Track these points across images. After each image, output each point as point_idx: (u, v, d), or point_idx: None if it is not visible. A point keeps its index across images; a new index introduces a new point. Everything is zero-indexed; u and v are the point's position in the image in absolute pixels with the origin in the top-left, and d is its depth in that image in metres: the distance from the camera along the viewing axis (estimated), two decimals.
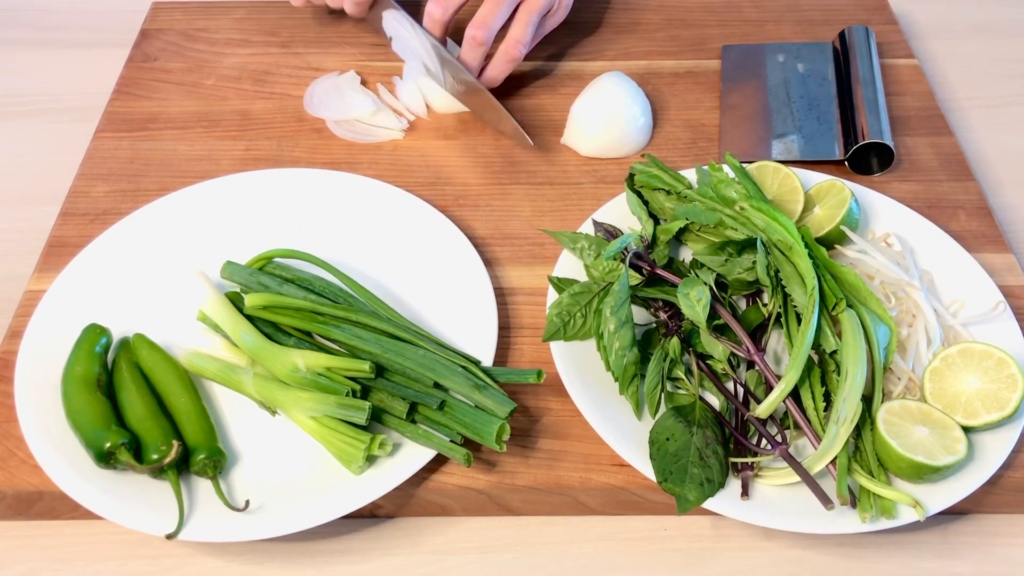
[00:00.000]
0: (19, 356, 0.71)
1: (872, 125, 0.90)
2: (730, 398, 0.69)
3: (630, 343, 0.69)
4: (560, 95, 0.99)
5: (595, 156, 0.91)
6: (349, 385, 0.67)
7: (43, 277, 0.79)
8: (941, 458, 0.63)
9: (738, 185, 0.78)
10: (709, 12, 1.10)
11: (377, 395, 0.68)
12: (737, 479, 0.65)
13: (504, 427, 0.65)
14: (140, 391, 0.68)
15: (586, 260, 0.76)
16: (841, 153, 0.90)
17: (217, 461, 0.65)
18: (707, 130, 0.95)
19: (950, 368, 0.69)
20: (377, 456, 0.66)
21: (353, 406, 0.66)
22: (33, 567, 0.66)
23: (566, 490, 0.68)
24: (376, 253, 0.81)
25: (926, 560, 0.67)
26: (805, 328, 0.67)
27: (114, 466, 0.65)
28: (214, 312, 0.72)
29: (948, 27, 1.14)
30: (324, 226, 0.83)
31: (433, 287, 0.78)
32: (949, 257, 0.80)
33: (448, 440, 0.66)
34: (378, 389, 0.68)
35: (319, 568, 0.66)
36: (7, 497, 0.67)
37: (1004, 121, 1.02)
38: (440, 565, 0.67)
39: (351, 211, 0.84)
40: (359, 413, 0.65)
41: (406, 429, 0.67)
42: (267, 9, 1.09)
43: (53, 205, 0.87)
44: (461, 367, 0.68)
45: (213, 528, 0.63)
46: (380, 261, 0.80)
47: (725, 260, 0.74)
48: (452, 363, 0.68)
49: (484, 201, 0.88)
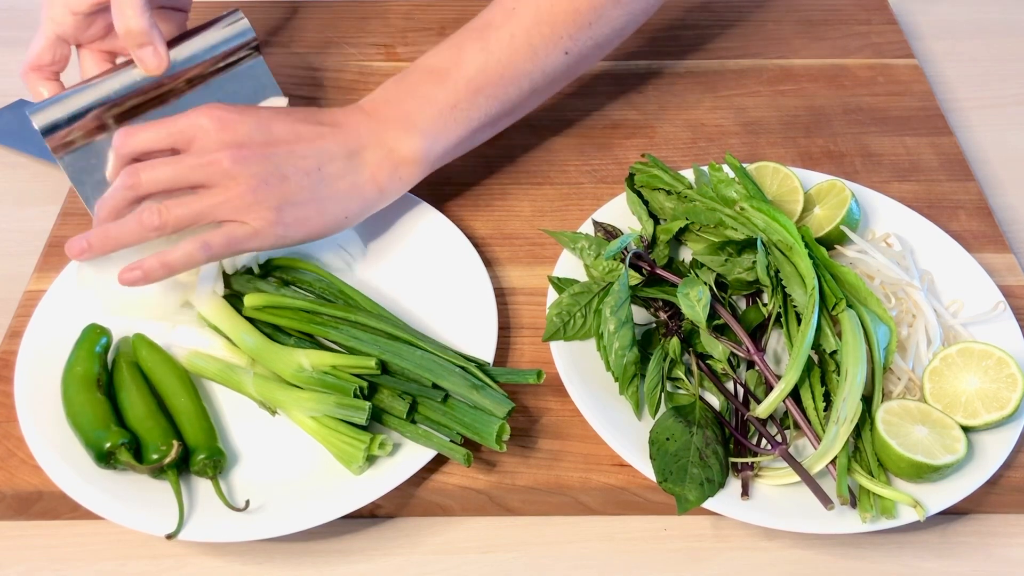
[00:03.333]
0: (19, 356, 0.71)
1: None
2: (730, 398, 0.69)
3: (630, 343, 0.69)
4: (560, 95, 0.98)
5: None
6: (356, 382, 0.67)
7: (43, 277, 0.79)
8: (940, 457, 0.63)
9: (738, 185, 0.78)
10: (709, 12, 1.10)
11: (378, 395, 0.68)
12: (737, 479, 0.65)
13: (504, 427, 0.65)
14: (140, 391, 0.68)
15: (586, 260, 0.76)
16: None
17: (217, 461, 0.65)
18: (707, 130, 0.95)
19: (950, 368, 0.69)
20: (377, 456, 0.66)
21: (353, 406, 0.66)
22: (33, 567, 0.66)
23: (566, 490, 0.68)
24: (376, 253, 0.81)
25: (926, 560, 0.67)
26: (805, 328, 0.67)
27: (114, 466, 0.65)
28: (214, 314, 0.72)
29: (948, 27, 1.14)
30: None
31: (433, 287, 0.78)
32: (949, 257, 0.80)
33: (448, 440, 0.66)
34: (381, 387, 0.68)
35: (319, 568, 0.66)
36: (7, 497, 0.67)
37: (1004, 121, 1.02)
38: (440, 565, 0.67)
39: None
40: (359, 413, 0.65)
41: (406, 429, 0.67)
42: (267, 9, 1.09)
43: (53, 205, 0.87)
44: (459, 367, 0.68)
45: (213, 528, 0.63)
46: (380, 261, 0.80)
47: (725, 260, 0.74)
48: (450, 363, 0.68)
49: (484, 201, 0.88)
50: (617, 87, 1.00)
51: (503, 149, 0.92)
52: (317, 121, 0.74)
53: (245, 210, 0.69)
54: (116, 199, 0.70)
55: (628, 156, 0.92)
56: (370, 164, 0.74)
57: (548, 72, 0.79)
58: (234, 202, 0.69)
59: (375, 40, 1.05)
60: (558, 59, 0.79)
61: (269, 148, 0.70)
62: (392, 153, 0.75)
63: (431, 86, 0.77)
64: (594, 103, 0.98)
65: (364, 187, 0.74)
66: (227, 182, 0.69)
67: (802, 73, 1.02)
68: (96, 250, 0.70)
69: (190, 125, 0.70)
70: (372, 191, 0.75)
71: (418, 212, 0.83)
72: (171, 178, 0.69)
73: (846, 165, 0.92)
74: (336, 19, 1.08)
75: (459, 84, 0.76)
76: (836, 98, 0.99)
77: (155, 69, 0.76)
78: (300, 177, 0.71)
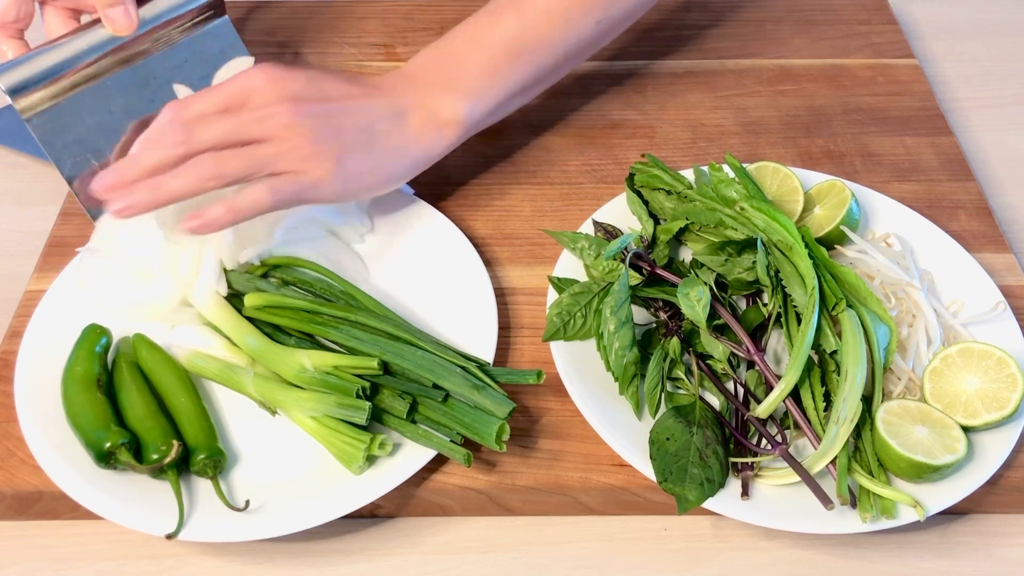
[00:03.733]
0: (19, 356, 0.71)
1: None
2: (730, 398, 0.69)
3: (630, 343, 0.69)
4: (560, 95, 0.99)
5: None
6: (358, 383, 0.67)
7: (43, 277, 0.79)
8: (940, 457, 0.63)
9: (738, 185, 0.78)
10: (709, 12, 1.10)
11: (378, 395, 0.68)
12: (737, 479, 0.65)
13: (504, 427, 0.65)
14: (140, 391, 0.68)
15: (586, 260, 0.76)
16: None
17: (217, 461, 0.65)
18: (707, 130, 0.95)
19: (950, 368, 0.69)
20: (377, 456, 0.66)
21: (353, 406, 0.66)
22: (33, 567, 0.66)
23: (566, 490, 0.68)
24: (376, 253, 0.81)
25: (926, 560, 0.67)
26: (805, 328, 0.67)
27: (114, 466, 0.65)
28: (215, 315, 0.72)
29: (948, 27, 1.14)
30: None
31: (433, 287, 0.78)
32: (949, 257, 0.80)
33: (448, 440, 0.66)
34: (381, 387, 0.68)
35: (319, 568, 0.66)
36: (7, 497, 0.67)
37: (1004, 121, 1.02)
38: (440, 565, 0.67)
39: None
40: (359, 413, 0.65)
41: (406, 429, 0.67)
42: (266, 9, 1.09)
43: (53, 205, 0.87)
44: (460, 367, 0.68)
45: (213, 528, 0.63)
46: (380, 261, 0.80)
47: (725, 260, 0.74)
48: (451, 363, 0.68)
49: (484, 201, 0.88)
50: (617, 87, 1.00)
51: (503, 149, 0.92)
52: (363, 83, 0.76)
53: (304, 160, 0.69)
54: (163, 155, 0.67)
55: (628, 156, 0.92)
56: (414, 125, 0.76)
57: (580, 41, 0.83)
58: (293, 153, 0.69)
59: (375, 40, 1.05)
60: (589, 28, 0.82)
61: (323, 103, 0.71)
62: (435, 115, 0.77)
63: (471, 52, 0.79)
64: (594, 103, 0.98)
65: (411, 147, 0.76)
66: (285, 133, 0.69)
67: (802, 73, 1.02)
68: (144, 206, 0.67)
69: (243, 86, 0.70)
70: (418, 151, 0.77)
71: (418, 212, 0.83)
72: (228, 132, 0.68)
73: (846, 165, 0.92)
74: (336, 19, 1.08)
75: (497, 51, 0.79)
76: (836, 98, 0.99)
77: (125, 29, 0.76)
78: (355, 132, 0.72)
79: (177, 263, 0.74)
